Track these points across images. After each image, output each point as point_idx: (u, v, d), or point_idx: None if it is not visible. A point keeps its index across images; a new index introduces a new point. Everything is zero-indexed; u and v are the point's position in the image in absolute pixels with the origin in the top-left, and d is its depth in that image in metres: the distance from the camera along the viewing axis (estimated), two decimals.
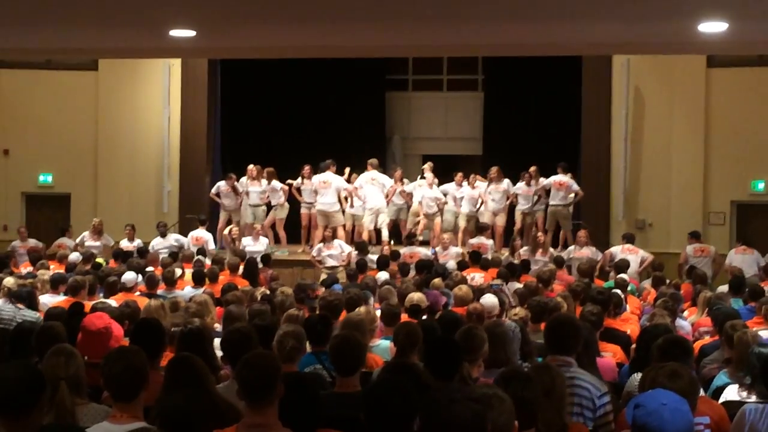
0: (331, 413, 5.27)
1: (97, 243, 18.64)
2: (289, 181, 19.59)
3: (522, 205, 19.54)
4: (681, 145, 20.12)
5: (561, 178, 19.03)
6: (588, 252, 17.07)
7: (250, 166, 19.66)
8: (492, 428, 3.85)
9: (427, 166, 20.12)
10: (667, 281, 13.80)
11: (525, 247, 17.62)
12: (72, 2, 9.44)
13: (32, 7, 9.59)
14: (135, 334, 6.70)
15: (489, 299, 9.74)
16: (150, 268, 14.28)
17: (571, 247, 17.54)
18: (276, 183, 19.51)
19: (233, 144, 22.58)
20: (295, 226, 19.74)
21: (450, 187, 19.86)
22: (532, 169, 19.50)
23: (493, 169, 19.46)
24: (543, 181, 19.25)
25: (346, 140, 22.16)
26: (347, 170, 19.86)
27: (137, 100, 21.77)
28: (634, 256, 16.72)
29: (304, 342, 6.83)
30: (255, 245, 17.87)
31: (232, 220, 19.93)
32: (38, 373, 4.72)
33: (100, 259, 16.38)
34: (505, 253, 18.12)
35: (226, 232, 19.10)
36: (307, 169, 19.35)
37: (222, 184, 19.97)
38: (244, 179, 19.84)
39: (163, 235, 18.77)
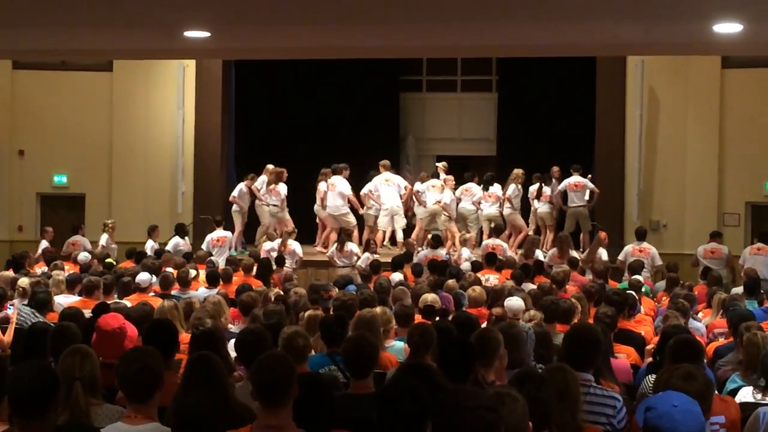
0: (344, 414, 5.28)
1: (113, 244, 18.74)
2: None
3: (542, 207, 19.52)
4: (695, 146, 20.05)
5: (576, 179, 18.97)
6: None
7: (272, 167, 19.61)
8: (505, 428, 3.84)
9: (441, 166, 20.12)
10: (681, 283, 13.77)
11: (552, 250, 17.33)
12: (87, 3, 9.47)
13: (47, 9, 9.63)
14: (148, 335, 6.71)
15: (515, 302, 9.70)
16: (170, 270, 14.30)
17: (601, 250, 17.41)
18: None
19: (247, 145, 22.57)
20: (306, 227, 19.77)
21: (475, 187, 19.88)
22: (555, 169, 19.44)
23: (520, 171, 19.41)
24: (558, 186, 19.22)
25: (359, 141, 22.17)
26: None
27: (152, 101, 21.80)
28: (646, 259, 16.65)
29: (310, 339, 6.87)
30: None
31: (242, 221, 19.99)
32: (53, 372, 4.74)
33: (110, 259, 16.38)
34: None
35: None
36: (329, 171, 19.39)
37: (244, 186, 19.97)
38: (262, 179, 19.81)
39: (183, 237, 18.80)
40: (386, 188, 19.25)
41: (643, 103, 20.17)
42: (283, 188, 19.34)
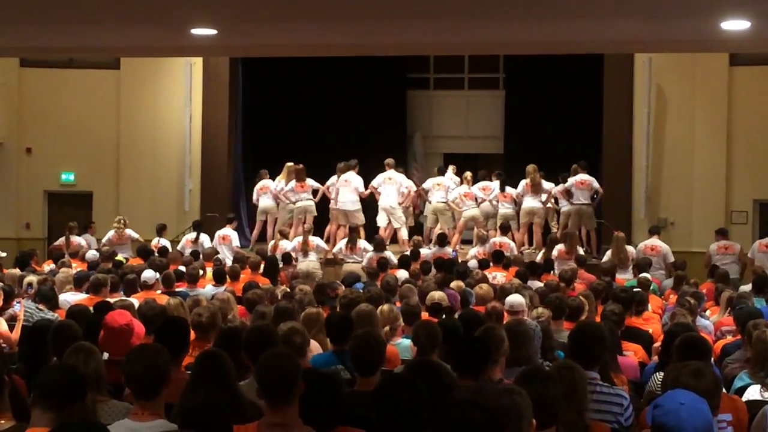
0: (352, 412, 5.27)
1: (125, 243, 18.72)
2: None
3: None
4: (703, 144, 20.02)
5: (583, 177, 18.86)
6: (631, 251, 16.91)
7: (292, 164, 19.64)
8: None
9: (451, 169, 20.16)
10: (691, 281, 13.74)
11: (559, 246, 17.24)
12: (94, 1, 9.47)
13: (54, 6, 9.63)
14: (160, 331, 6.71)
15: (514, 297, 9.69)
16: (182, 268, 14.33)
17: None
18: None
19: (254, 142, 22.61)
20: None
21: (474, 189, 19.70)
22: (576, 167, 19.38)
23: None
24: (564, 183, 19.13)
25: (367, 138, 22.18)
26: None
27: (159, 99, 21.82)
28: (657, 257, 16.62)
29: (307, 336, 6.88)
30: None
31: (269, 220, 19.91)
32: (80, 379, 4.79)
33: (120, 257, 16.39)
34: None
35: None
36: (343, 167, 19.39)
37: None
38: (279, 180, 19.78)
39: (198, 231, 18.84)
40: (386, 187, 19.25)
41: (650, 101, 20.13)
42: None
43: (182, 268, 14.44)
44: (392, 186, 19.26)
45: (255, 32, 11.22)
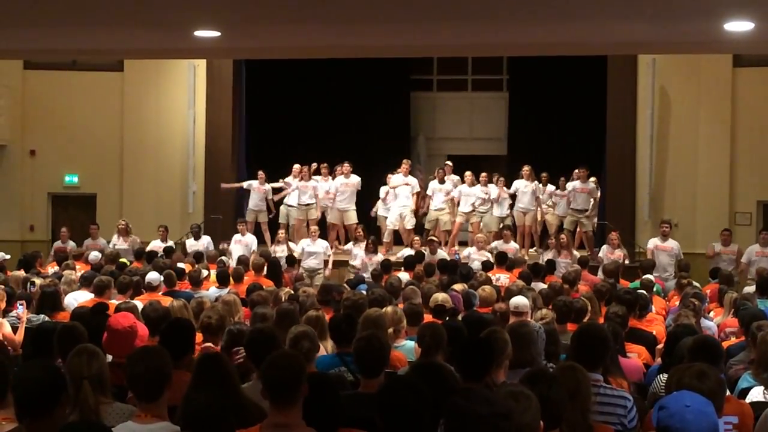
0: (355, 413, 5.27)
1: (126, 245, 18.62)
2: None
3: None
4: (707, 145, 20.01)
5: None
6: (620, 254, 17.04)
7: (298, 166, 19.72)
8: (517, 426, 3.82)
9: (447, 167, 20.15)
10: (684, 281, 13.70)
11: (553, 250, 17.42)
12: (98, 3, 9.47)
13: (58, 9, 9.64)
14: (165, 333, 6.72)
15: (519, 299, 9.68)
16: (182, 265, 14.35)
17: (604, 247, 17.52)
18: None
19: (258, 144, 22.60)
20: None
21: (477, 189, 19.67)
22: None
23: (526, 168, 19.30)
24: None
25: (370, 140, 22.22)
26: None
27: (162, 101, 21.83)
28: (667, 253, 16.81)
29: (317, 341, 6.86)
30: (314, 246, 17.99)
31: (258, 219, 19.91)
32: (59, 372, 4.73)
33: (123, 259, 16.38)
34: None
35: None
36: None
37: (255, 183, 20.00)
38: (290, 179, 19.81)
39: (197, 237, 18.79)
40: (399, 189, 19.32)
41: (654, 102, 20.13)
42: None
43: (182, 266, 14.51)
44: (405, 188, 19.34)
45: (258, 34, 11.23)
